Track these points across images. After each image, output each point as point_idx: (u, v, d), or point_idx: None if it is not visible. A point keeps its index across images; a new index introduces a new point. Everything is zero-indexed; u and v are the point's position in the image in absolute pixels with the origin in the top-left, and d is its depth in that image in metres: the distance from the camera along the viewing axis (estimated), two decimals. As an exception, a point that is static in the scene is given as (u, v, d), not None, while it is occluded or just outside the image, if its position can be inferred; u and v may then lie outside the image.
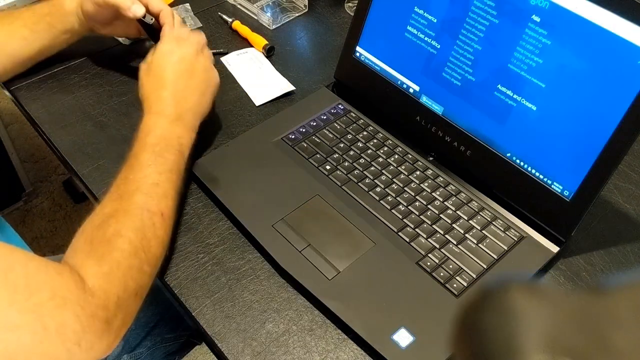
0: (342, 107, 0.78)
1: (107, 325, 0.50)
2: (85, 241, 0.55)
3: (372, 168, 0.71)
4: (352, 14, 0.87)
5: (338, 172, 0.70)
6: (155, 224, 0.58)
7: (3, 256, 0.47)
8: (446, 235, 0.64)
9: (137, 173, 0.60)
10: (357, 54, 0.78)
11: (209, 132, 0.75)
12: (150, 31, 0.78)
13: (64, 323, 0.47)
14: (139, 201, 0.58)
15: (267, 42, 0.89)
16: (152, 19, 0.74)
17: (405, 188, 0.68)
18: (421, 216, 0.66)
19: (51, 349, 0.47)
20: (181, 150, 0.64)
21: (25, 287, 0.46)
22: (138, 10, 0.73)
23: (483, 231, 0.64)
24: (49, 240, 1.60)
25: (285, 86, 0.84)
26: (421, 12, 0.69)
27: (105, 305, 0.50)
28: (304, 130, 0.75)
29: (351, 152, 0.72)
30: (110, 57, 0.88)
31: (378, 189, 0.68)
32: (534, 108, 0.62)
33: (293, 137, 0.74)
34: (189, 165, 0.67)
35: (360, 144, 0.73)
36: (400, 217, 0.65)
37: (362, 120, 0.76)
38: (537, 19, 0.59)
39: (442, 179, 0.69)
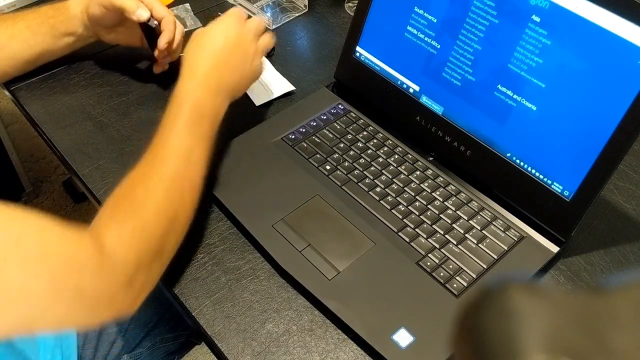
0: (342, 107, 0.78)
1: (127, 287, 0.51)
2: (111, 206, 0.55)
3: (372, 168, 0.71)
4: (352, 14, 0.87)
5: (338, 172, 0.70)
6: (184, 190, 0.58)
7: (16, 222, 0.46)
8: (446, 235, 0.64)
9: (171, 138, 0.59)
10: (357, 54, 0.78)
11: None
12: (150, 37, 0.79)
13: (80, 287, 0.47)
14: (169, 166, 0.58)
15: None
16: (155, 23, 0.75)
17: (405, 188, 0.68)
18: (421, 216, 0.66)
19: (69, 313, 0.47)
20: (214, 123, 0.64)
21: (40, 254, 0.45)
22: (143, 14, 0.74)
23: (483, 231, 0.64)
24: (49, 240, 1.60)
25: (286, 86, 0.84)
26: (421, 12, 0.69)
27: (125, 266, 0.51)
28: (304, 130, 0.75)
29: (351, 152, 0.72)
30: (110, 57, 0.88)
31: (378, 189, 0.68)
32: (534, 108, 0.62)
33: (293, 137, 0.74)
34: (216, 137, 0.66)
35: (360, 144, 0.73)
36: (400, 217, 0.65)
37: (362, 120, 0.76)
38: (537, 19, 0.59)
39: (442, 179, 0.69)
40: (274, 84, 0.84)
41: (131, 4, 0.73)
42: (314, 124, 0.76)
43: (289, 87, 0.83)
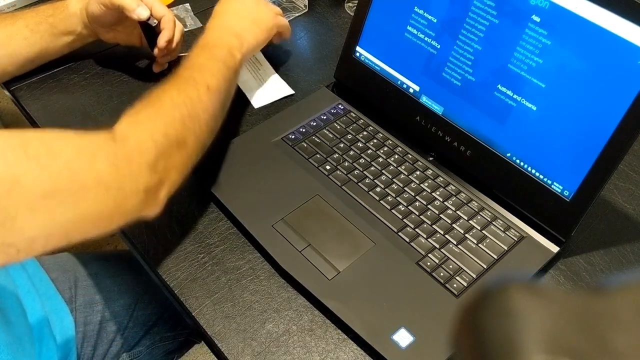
0: (342, 107, 0.78)
1: (148, 169, 0.51)
2: (129, 111, 0.55)
3: (372, 168, 0.71)
4: (352, 14, 0.87)
5: (338, 172, 0.70)
6: (200, 90, 0.60)
7: (17, 134, 0.46)
8: (446, 235, 0.64)
9: (191, 61, 0.64)
10: (357, 54, 0.78)
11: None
12: (150, 36, 0.78)
13: (99, 174, 0.47)
14: (185, 74, 0.61)
15: None
16: (155, 22, 0.75)
17: (405, 188, 0.68)
18: (421, 216, 0.66)
19: (97, 202, 0.47)
20: (235, 62, 0.69)
21: (48, 154, 0.45)
22: (143, 13, 0.74)
23: (483, 231, 0.64)
24: (49, 240, 1.60)
25: (285, 90, 0.83)
26: (421, 12, 0.69)
27: (140, 148, 0.51)
28: (304, 130, 0.75)
29: (351, 152, 0.72)
30: (110, 57, 0.88)
31: (378, 189, 0.68)
32: (534, 108, 0.62)
33: (293, 137, 0.74)
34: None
35: (360, 144, 0.73)
36: (400, 217, 0.65)
37: (362, 120, 0.76)
38: (537, 19, 0.59)
39: (442, 179, 0.69)
40: (272, 86, 0.84)
41: (131, 3, 0.73)
42: (314, 124, 0.76)
43: (288, 91, 0.83)
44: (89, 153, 0.47)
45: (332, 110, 0.78)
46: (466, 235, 0.64)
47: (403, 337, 0.55)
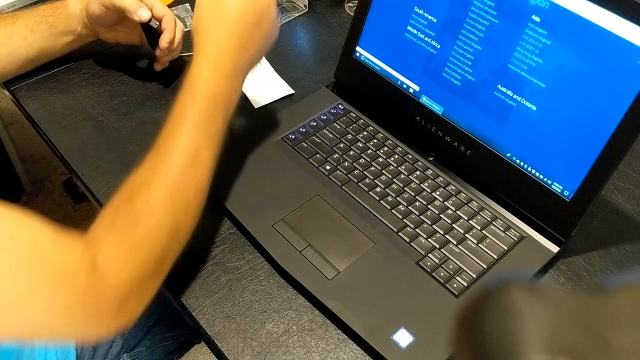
0: (342, 107, 0.78)
1: (117, 308, 0.48)
2: (110, 215, 0.51)
3: (372, 168, 0.71)
4: (352, 14, 0.87)
5: (338, 172, 0.70)
6: (188, 197, 0.54)
7: (13, 223, 0.44)
8: (446, 235, 0.64)
9: (180, 136, 0.54)
10: (357, 54, 0.78)
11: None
12: (151, 36, 0.78)
13: (70, 304, 0.45)
14: (173, 172, 0.53)
15: None
16: (156, 24, 0.74)
17: (405, 188, 0.68)
18: (421, 216, 0.66)
19: (58, 328, 0.46)
20: (229, 111, 0.59)
21: (32, 261, 0.43)
22: (144, 14, 0.73)
23: (483, 231, 0.64)
24: (49, 240, 1.60)
25: (285, 89, 0.83)
26: (421, 12, 0.69)
27: (117, 288, 0.48)
28: (304, 130, 0.75)
29: (351, 152, 0.72)
30: (110, 57, 0.88)
31: (378, 189, 0.68)
32: (534, 108, 0.62)
33: (293, 137, 0.74)
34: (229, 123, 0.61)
35: (360, 144, 0.73)
36: (400, 217, 0.65)
37: (362, 120, 0.76)
38: (537, 19, 0.59)
39: (442, 179, 0.69)
40: (273, 86, 0.84)
41: (132, 4, 0.73)
42: (314, 124, 0.76)
43: (288, 91, 0.83)
44: (68, 275, 0.45)
45: (332, 110, 0.78)
46: (466, 235, 0.64)
47: (403, 337, 0.55)
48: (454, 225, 0.65)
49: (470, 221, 0.65)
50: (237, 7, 0.58)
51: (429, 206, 0.67)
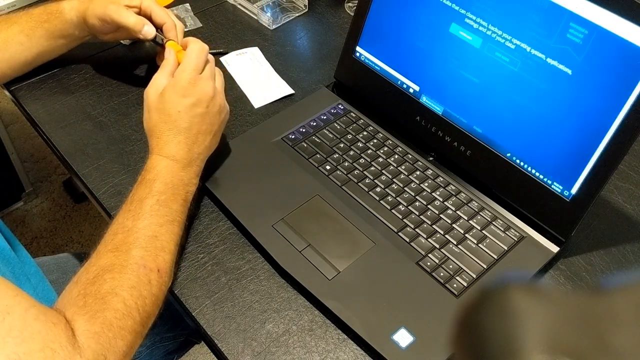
0: (342, 107, 0.78)
1: None
2: (79, 294, 0.53)
3: (372, 168, 0.71)
4: (352, 14, 0.87)
5: (338, 172, 0.70)
6: (151, 281, 0.56)
7: (8, 297, 0.47)
8: (446, 235, 0.64)
9: (138, 222, 0.58)
10: (357, 54, 0.78)
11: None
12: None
13: None
14: (136, 256, 0.56)
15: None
16: (162, 39, 0.74)
17: (405, 188, 0.68)
18: (421, 216, 0.66)
19: None
20: (187, 199, 0.62)
21: (20, 333, 0.45)
22: (149, 33, 0.73)
23: (483, 231, 0.64)
24: (49, 240, 1.60)
25: (285, 89, 0.83)
26: (421, 12, 0.69)
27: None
28: (304, 130, 0.75)
29: (351, 152, 0.72)
30: (110, 57, 0.88)
31: (378, 189, 0.68)
32: (534, 108, 0.62)
33: (293, 137, 0.74)
34: (191, 212, 0.65)
35: (360, 144, 0.73)
36: (400, 217, 0.65)
37: (362, 120, 0.76)
38: (537, 18, 0.59)
39: (442, 179, 0.69)
40: (273, 86, 0.84)
41: (136, 24, 0.73)
42: (314, 124, 0.76)
43: (288, 90, 0.83)
44: (51, 350, 0.46)
45: (332, 110, 0.78)
46: (466, 235, 0.64)
47: (403, 337, 0.55)
48: (454, 225, 0.65)
49: (470, 221, 0.65)
50: (182, 104, 0.63)
51: (429, 206, 0.67)
